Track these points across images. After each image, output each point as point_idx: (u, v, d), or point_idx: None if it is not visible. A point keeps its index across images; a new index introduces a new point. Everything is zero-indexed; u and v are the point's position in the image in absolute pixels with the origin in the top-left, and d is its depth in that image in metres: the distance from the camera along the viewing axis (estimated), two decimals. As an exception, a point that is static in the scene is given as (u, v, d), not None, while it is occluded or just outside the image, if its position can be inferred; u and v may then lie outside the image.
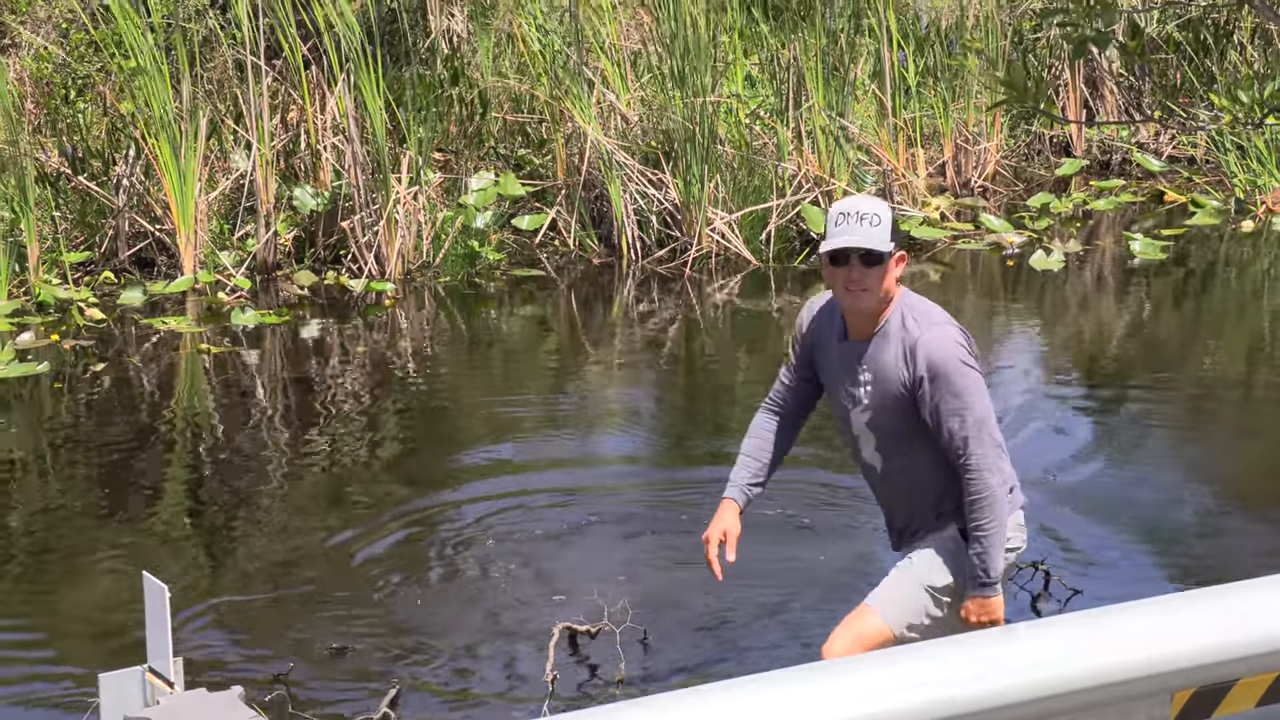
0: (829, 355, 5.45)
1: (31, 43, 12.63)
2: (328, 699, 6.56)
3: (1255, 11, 6.52)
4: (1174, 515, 8.40)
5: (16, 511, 8.77)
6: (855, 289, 5.17)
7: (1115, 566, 7.80)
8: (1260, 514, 8.38)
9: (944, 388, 5.15)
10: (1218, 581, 3.48)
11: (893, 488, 5.53)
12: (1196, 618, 3.31)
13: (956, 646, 3.18)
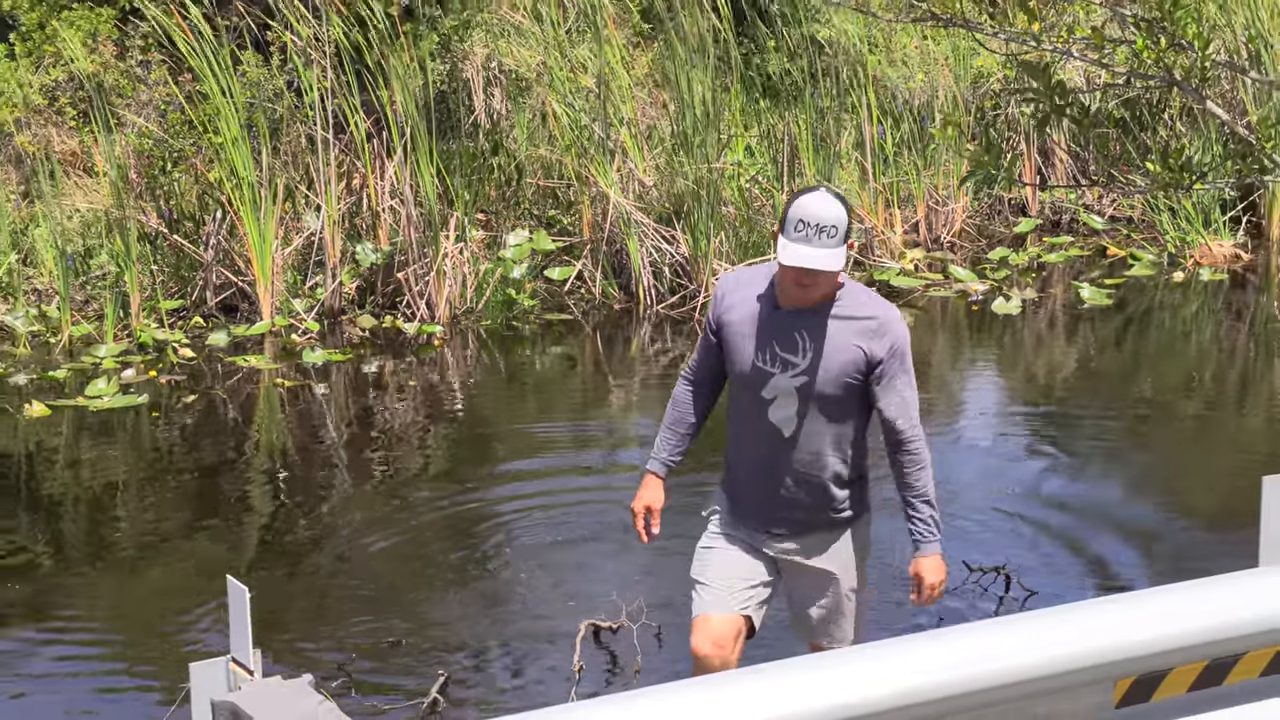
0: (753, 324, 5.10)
1: (135, 122, 12.65)
2: (385, 686, 6.55)
3: (1182, 92, 6.48)
4: (1118, 525, 8.38)
5: (119, 522, 8.78)
6: (807, 284, 4.92)
7: (1067, 570, 7.79)
8: (1192, 523, 8.38)
9: (900, 365, 5.04)
10: (1156, 583, 3.44)
11: (791, 454, 5.13)
12: (1137, 615, 3.28)
13: (933, 640, 3.13)
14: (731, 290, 5.21)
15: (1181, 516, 8.49)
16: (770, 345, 5.04)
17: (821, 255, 4.81)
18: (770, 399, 5.07)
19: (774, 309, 5.06)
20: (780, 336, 5.02)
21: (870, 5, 14.89)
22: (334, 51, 12.45)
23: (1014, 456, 9.64)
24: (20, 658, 7.09)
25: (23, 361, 11.12)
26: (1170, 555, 7.86)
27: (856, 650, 3.10)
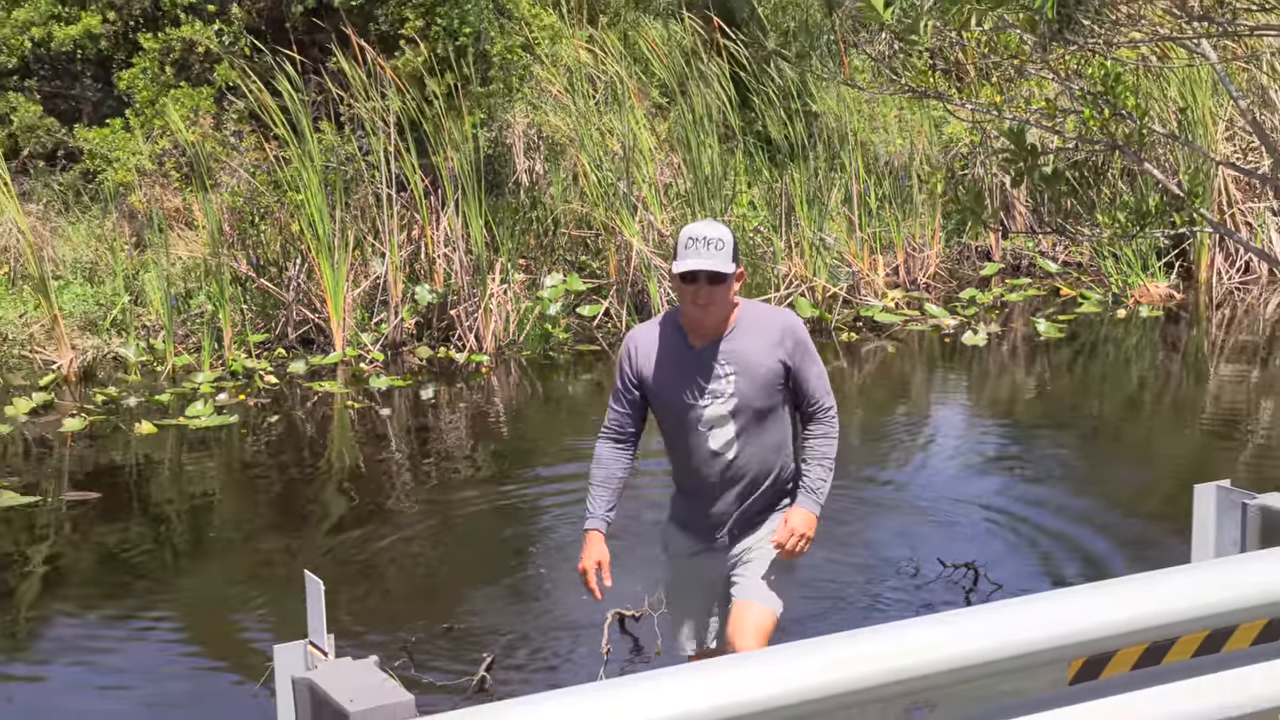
0: (672, 366, 4.90)
1: (228, 183, 12.71)
2: (440, 665, 6.52)
3: (1123, 155, 6.45)
4: (1072, 526, 8.33)
5: (213, 525, 8.78)
6: (703, 303, 4.72)
7: (1029, 565, 7.74)
8: (1135, 524, 8.32)
9: (806, 353, 4.85)
10: (1103, 577, 3.41)
11: (737, 472, 4.89)
12: (1088, 605, 3.26)
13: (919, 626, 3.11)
14: (642, 346, 4.98)
15: (1126, 518, 8.44)
16: (695, 381, 4.84)
17: (712, 259, 4.66)
18: (707, 430, 4.86)
19: (688, 349, 4.87)
20: (702, 371, 4.83)
21: (857, 80, 14.98)
22: (397, 121, 12.49)
23: (981, 467, 9.61)
24: (124, 638, 7.09)
25: (134, 387, 11.15)
26: (1116, 552, 7.81)
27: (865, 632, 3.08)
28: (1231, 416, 10.70)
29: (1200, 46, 6.52)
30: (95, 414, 10.50)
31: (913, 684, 3.00)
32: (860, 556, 7.79)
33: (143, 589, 7.71)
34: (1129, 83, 6.65)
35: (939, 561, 7.48)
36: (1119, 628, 3.20)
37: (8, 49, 14.06)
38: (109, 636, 7.11)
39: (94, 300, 12.23)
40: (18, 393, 10.87)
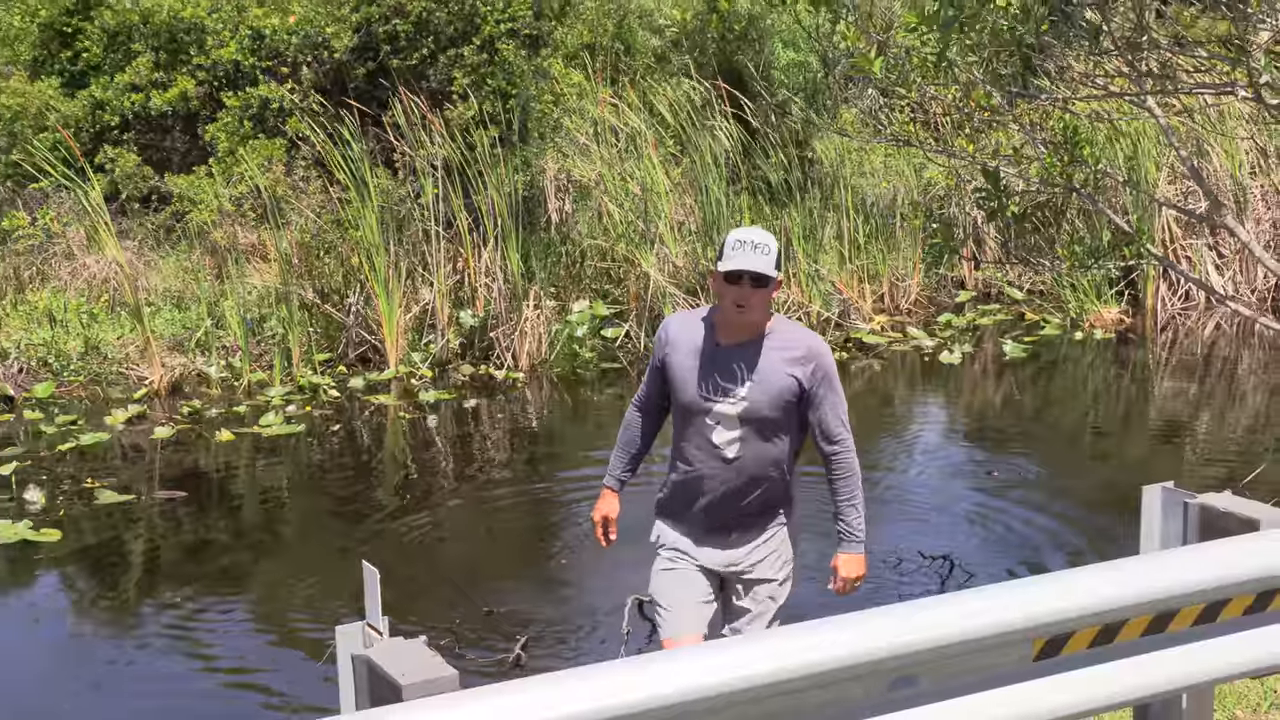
0: (695, 358, 4.55)
1: (297, 221, 12.75)
2: (481, 643, 6.53)
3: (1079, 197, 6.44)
4: (1036, 522, 8.33)
5: (283, 519, 8.80)
6: (743, 304, 4.37)
7: (997, 557, 7.73)
8: (1091, 519, 8.32)
9: (829, 384, 4.49)
10: (1063, 567, 3.41)
11: (735, 473, 4.54)
12: (1049, 591, 3.25)
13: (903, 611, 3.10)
14: (676, 331, 4.65)
15: (1082, 515, 8.43)
16: (712, 377, 4.50)
17: (759, 261, 4.32)
18: (714, 424, 4.51)
19: (715, 346, 4.51)
20: (721, 369, 4.49)
21: (848, 130, 15.01)
22: (444, 167, 12.52)
23: (956, 470, 9.61)
24: (207, 618, 7.11)
25: (215, 399, 11.18)
26: (1074, 544, 7.81)
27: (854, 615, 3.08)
28: (1174, 425, 10.68)
29: (1146, 103, 6.52)
30: (182, 423, 10.53)
31: (896, 661, 3.00)
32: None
33: (223, 575, 7.74)
34: (1085, 134, 6.65)
35: (919, 554, 7.49)
36: (1076, 612, 3.19)
37: (111, 109, 14.15)
38: (195, 616, 7.14)
39: (181, 324, 12.28)
40: (115, 405, 10.93)
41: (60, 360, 11.58)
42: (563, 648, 6.64)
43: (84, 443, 9.98)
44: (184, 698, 6.26)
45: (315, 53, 13.94)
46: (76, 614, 7.35)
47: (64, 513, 8.57)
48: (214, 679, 6.44)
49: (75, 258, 13.34)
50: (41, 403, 10.97)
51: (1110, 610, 3.24)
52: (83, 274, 13.16)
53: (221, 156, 13.69)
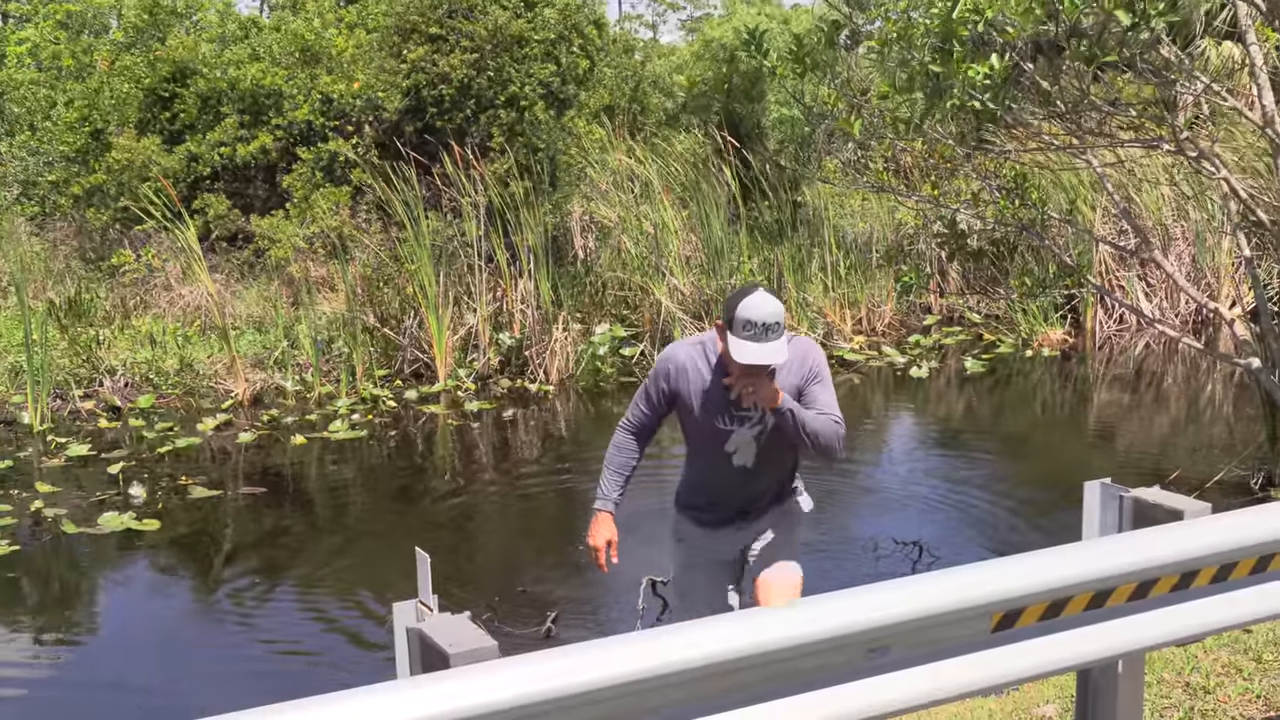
0: (707, 391, 4.15)
1: (360, 257, 12.77)
2: (515, 619, 6.52)
3: (1029, 235, 6.44)
4: (993, 512, 8.30)
5: (348, 510, 8.80)
6: (755, 374, 3.93)
7: (960, 542, 7.70)
8: (1041, 509, 8.29)
9: (818, 378, 4.07)
10: (1016, 551, 3.39)
11: (753, 483, 4.25)
12: (1004, 572, 3.24)
13: (879, 589, 3.09)
14: (681, 366, 4.19)
15: (1033, 506, 8.40)
16: (727, 408, 4.10)
17: (769, 350, 3.87)
18: (732, 450, 4.18)
19: (723, 377, 4.08)
20: (736, 402, 4.07)
21: (831, 178, 15.03)
22: (486, 210, 12.55)
23: (926, 466, 9.58)
24: (283, 594, 7.12)
25: (290, 409, 11.19)
26: (1025, 531, 7.78)
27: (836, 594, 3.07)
28: (1110, 429, 10.65)
29: (1085, 154, 6.51)
30: (262, 429, 10.55)
31: (872, 633, 2.99)
32: (833, 537, 7.75)
33: (296, 558, 7.75)
34: (1033, 180, 6.65)
35: (892, 540, 7.47)
36: (1028, 590, 3.18)
37: (203, 162, 14.23)
38: (272, 593, 7.15)
39: (261, 345, 12.32)
40: (206, 414, 10.94)
41: (159, 376, 11.61)
42: (587, 621, 6.63)
43: (179, 446, 10.01)
44: (261, 663, 6.27)
45: (375, 114, 14.00)
46: (171, 591, 7.37)
47: (162, 505, 8.59)
48: (287, 648, 6.45)
49: (173, 289, 13.42)
50: (143, 412, 11.00)
51: (1057, 588, 3.23)
52: (179, 302, 13.23)
53: (296, 202, 13.76)
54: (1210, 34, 15.84)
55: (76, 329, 12.25)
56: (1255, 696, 4.57)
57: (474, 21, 13.67)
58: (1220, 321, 6.69)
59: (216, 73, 14.74)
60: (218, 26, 18.23)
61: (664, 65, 21.46)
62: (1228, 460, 8.62)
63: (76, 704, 5.91)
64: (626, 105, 18.19)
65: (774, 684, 2.90)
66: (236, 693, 5.81)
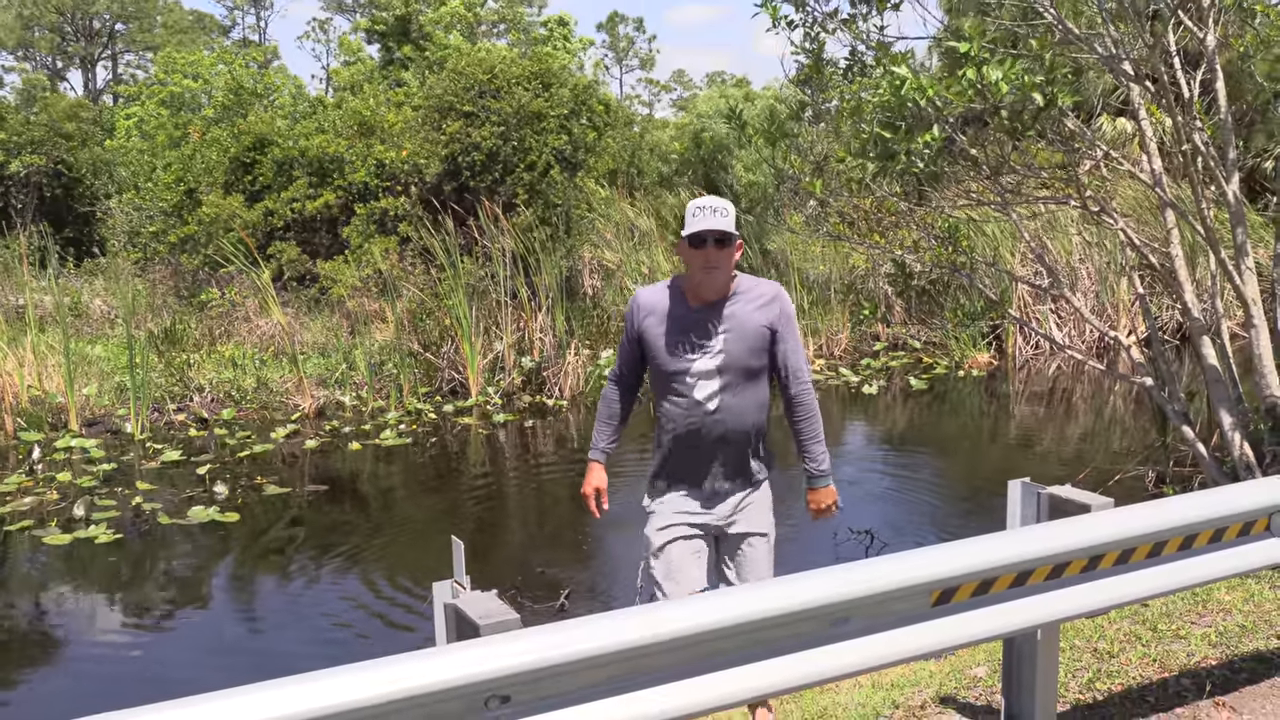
0: (670, 323, 3.62)
1: (408, 293, 12.78)
2: (534, 595, 6.48)
3: (959, 275, 6.44)
4: (931, 505, 8.28)
5: (394, 507, 8.75)
6: (712, 265, 3.50)
7: (905, 531, 7.67)
8: (972, 503, 8.26)
9: (790, 324, 3.61)
10: (951, 539, 3.37)
11: (717, 424, 3.60)
12: (941, 557, 3.22)
13: (837, 571, 3.05)
14: (646, 301, 3.70)
15: (965, 501, 8.39)
16: (688, 337, 3.59)
17: (720, 222, 3.49)
18: (694, 381, 3.59)
19: (687, 309, 3.61)
20: (695, 329, 3.59)
21: (795, 228, 15.04)
22: (512, 255, 12.56)
23: (876, 467, 9.54)
24: (342, 575, 7.08)
25: (347, 420, 11.17)
26: (959, 522, 7.76)
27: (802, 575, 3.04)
28: (1029, 437, 10.62)
29: (1006, 209, 6.51)
30: (324, 437, 10.52)
31: (835, 606, 2.97)
32: (795, 527, 7.73)
33: (352, 545, 7.71)
34: (963, 231, 6.64)
35: (849, 529, 7.43)
36: (961, 570, 3.16)
37: (277, 216, 14.25)
38: (332, 574, 7.11)
39: (324, 367, 12.30)
40: (277, 424, 10.92)
41: (239, 393, 11.60)
42: (595, 598, 6.59)
43: (255, 451, 9.98)
44: (323, 632, 6.23)
45: (419, 176, 14.02)
46: (248, 572, 7.33)
47: (241, 501, 8.56)
48: (344, 619, 6.41)
49: (251, 320, 13.40)
50: (226, 423, 10.98)
51: (986, 570, 3.21)
52: (256, 332, 13.22)
53: (354, 249, 13.77)
54: (1107, 110, 15.91)
55: (171, 354, 12.24)
56: (1152, 660, 4.54)
57: (501, 100, 13.71)
58: (1119, 347, 6.68)
59: (289, 143, 14.78)
60: (290, 105, 18.29)
61: (658, 136, 21.54)
62: (1127, 462, 8.60)
63: (170, 665, 5.87)
64: (627, 168, 18.25)
65: (753, 649, 2.88)
66: (304, 657, 5.78)
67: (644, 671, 2.73)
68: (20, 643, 6.18)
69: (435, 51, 18.66)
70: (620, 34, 64.01)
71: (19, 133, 19.16)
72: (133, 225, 16.73)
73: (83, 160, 19.63)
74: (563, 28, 27.92)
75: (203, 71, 24.17)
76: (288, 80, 26.01)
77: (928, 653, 3.18)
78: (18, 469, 9.35)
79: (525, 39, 24.03)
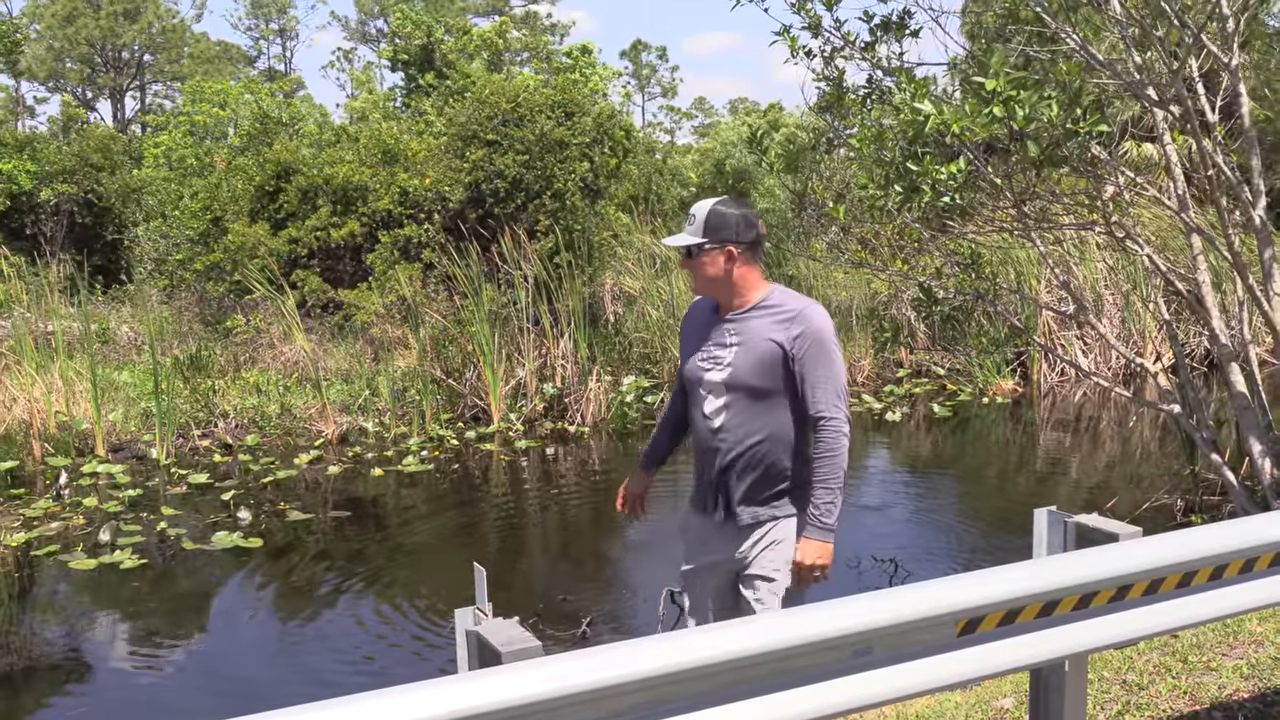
0: (697, 330, 3.41)
1: (430, 319, 12.82)
2: (556, 623, 6.46)
3: (983, 302, 6.41)
4: (956, 533, 8.22)
5: (417, 533, 8.75)
6: (686, 269, 3.32)
7: (929, 560, 7.61)
8: (996, 532, 8.18)
9: (817, 350, 3.19)
10: (976, 568, 3.34)
11: (721, 443, 3.31)
12: (967, 586, 3.18)
13: (862, 599, 3.03)
14: (692, 309, 3.52)
15: (989, 529, 8.31)
16: (707, 346, 3.35)
17: (679, 236, 3.27)
18: (705, 394, 3.34)
19: (714, 316, 3.37)
20: (716, 337, 3.33)
21: (817, 255, 15.03)
22: (534, 281, 12.60)
23: (901, 493, 9.49)
24: (362, 600, 7.08)
25: (370, 446, 11.20)
26: (983, 550, 7.69)
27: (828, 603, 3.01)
28: (1055, 465, 10.55)
29: (1030, 235, 6.49)
30: (347, 463, 10.55)
31: (858, 636, 2.94)
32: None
33: (375, 571, 7.71)
34: (986, 257, 6.62)
35: (872, 557, 7.38)
36: (987, 600, 3.12)
37: (302, 243, 14.36)
38: (354, 600, 7.11)
39: (348, 393, 12.35)
40: (301, 450, 10.97)
41: (264, 419, 11.66)
42: (616, 625, 6.56)
43: (279, 477, 10.01)
44: (345, 657, 6.23)
45: (442, 203, 14.12)
46: (271, 598, 7.34)
47: (265, 526, 8.59)
48: (366, 646, 6.41)
49: (275, 347, 13.49)
50: (250, 449, 11.03)
51: (1012, 599, 3.18)
52: (280, 358, 13.29)
53: (378, 275, 13.85)
54: (1132, 136, 15.88)
55: (196, 380, 12.33)
56: (1182, 692, 4.48)
57: (524, 129, 13.81)
58: (1146, 374, 6.64)
59: (314, 171, 14.91)
60: (315, 134, 18.48)
61: (679, 162, 21.63)
62: (1155, 491, 8.52)
63: (192, 691, 5.88)
64: (647, 195, 18.32)
65: (775, 679, 2.86)
66: (326, 683, 5.77)
67: (667, 700, 2.72)
68: (45, 667, 6.20)
69: (457, 80, 18.83)
70: (643, 61, 64.46)
71: (51, 162, 19.43)
72: (160, 253, 16.91)
73: (111, 189, 19.88)
74: (586, 56, 28.14)
75: (229, 101, 24.47)
76: (313, 109, 26.32)
77: (953, 683, 3.15)
78: (45, 494, 9.42)
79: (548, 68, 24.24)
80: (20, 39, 20.67)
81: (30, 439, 10.50)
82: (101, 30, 46.60)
